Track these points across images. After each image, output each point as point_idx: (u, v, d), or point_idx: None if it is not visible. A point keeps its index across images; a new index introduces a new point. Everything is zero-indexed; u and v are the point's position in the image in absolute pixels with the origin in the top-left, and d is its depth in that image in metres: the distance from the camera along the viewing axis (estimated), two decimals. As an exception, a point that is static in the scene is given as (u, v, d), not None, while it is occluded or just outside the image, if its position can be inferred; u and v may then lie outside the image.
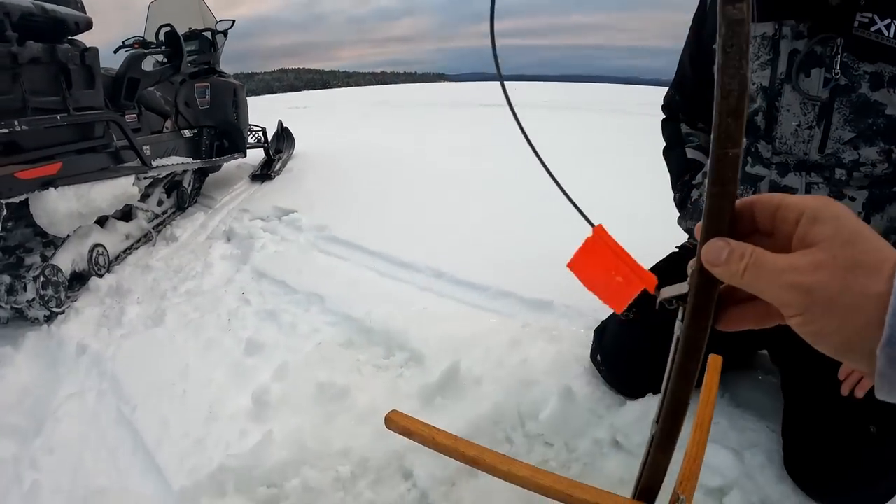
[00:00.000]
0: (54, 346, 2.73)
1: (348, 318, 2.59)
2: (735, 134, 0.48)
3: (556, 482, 0.90)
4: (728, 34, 0.46)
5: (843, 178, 1.45)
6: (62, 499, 1.82)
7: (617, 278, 0.63)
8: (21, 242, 3.01)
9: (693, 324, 0.57)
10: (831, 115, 1.41)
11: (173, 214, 4.54)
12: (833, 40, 1.36)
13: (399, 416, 1.14)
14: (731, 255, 0.49)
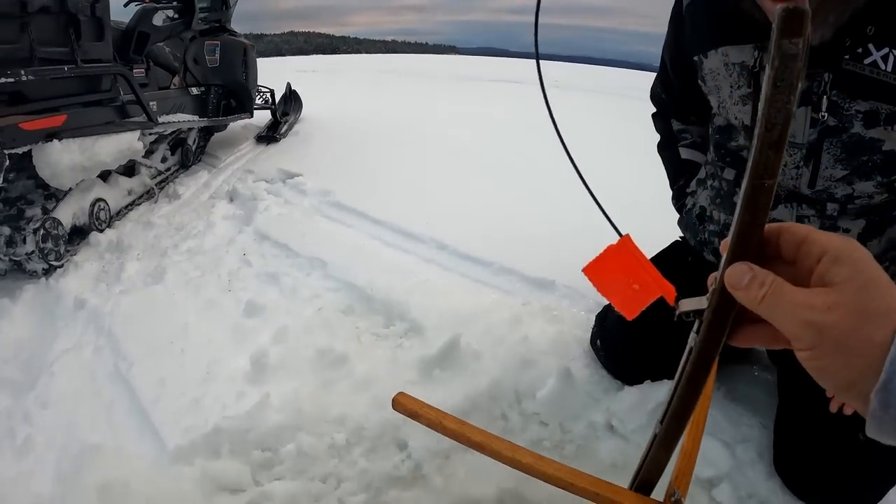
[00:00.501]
0: (52, 299, 2.72)
1: (350, 285, 2.57)
2: (773, 166, 0.50)
3: (558, 470, 0.94)
4: (781, 68, 0.47)
5: (835, 214, 1.36)
6: (55, 454, 1.82)
7: (634, 286, 0.66)
8: (22, 194, 2.97)
9: (707, 338, 0.59)
10: (820, 156, 1.29)
11: (177, 172, 4.49)
12: (820, 75, 1.22)
13: (406, 398, 1.14)
14: (752, 281, 0.52)
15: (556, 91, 11.17)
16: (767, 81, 0.49)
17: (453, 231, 3.11)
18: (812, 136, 1.27)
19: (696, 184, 1.75)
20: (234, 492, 1.61)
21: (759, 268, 0.53)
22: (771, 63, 0.48)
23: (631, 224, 3.12)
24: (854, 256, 0.49)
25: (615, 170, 4.35)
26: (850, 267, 0.49)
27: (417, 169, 4.46)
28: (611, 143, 5.43)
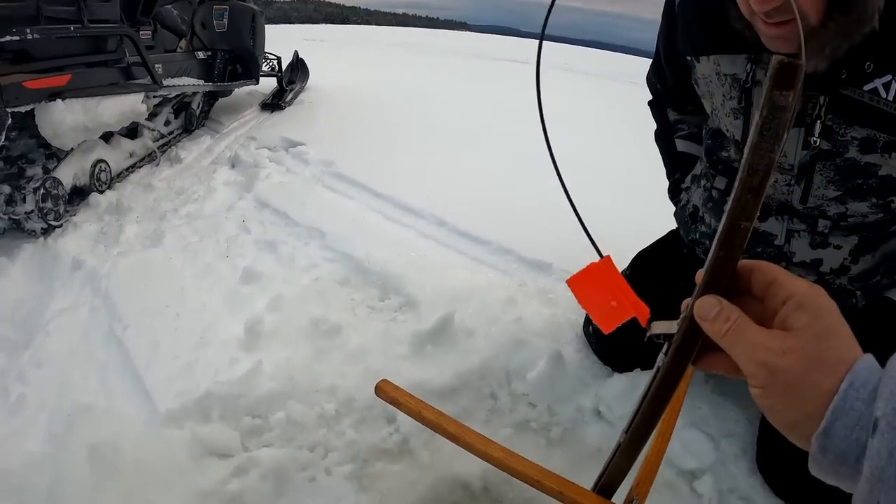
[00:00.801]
0: (50, 259, 2.72)
1: (347, 257, 2.57)
2: (751, 210, 0.53)
3: (526, 467, 0.98)
4: (769, 118, 0.50)
5: (826, 231, 1.32)
6: (47, 414, 1.83)
7: (612, 303, 0.70)
8: (24, 153, 2.96)
9: (674, 361, 0.62)
10: (812, 176, 1.25)
11: (179, 136, 4.48)
12: (815, 98, 1.16)
13: (389, 385, 1.18)
14: (718, 315, 0.55)
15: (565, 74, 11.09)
16: (755, 128, 0.50)
17: (453, 208, 3.10)
18: (804, 159, 1.23)
19: (691, 180, 1.71)
20: (223, 457, 1.62)
21: (727, 302, 0.56)
22: (760, 111, 0.50)
23: (631, 210, 3.12)
24: (817, 304, 0.53)
25: (618, 155, 4.34)
26: (811, 315, 0.52)
27: (421, 144, 4.44)
28: (615, 129, 5.40)
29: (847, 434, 0.48)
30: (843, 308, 1.30)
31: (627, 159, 4.10)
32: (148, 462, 1.56)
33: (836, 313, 0.53)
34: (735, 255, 0.55)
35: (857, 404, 0.47)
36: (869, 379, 0.48)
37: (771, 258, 1.40)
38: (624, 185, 3.63)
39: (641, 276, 1.74)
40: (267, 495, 1.55)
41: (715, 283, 0.57)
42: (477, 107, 6.11)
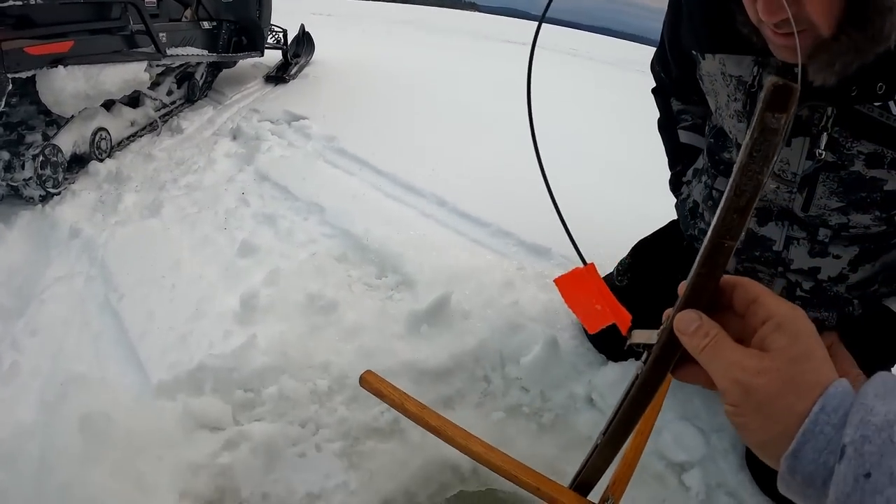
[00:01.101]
0: (47, 227, 2.70)
1: (346, 233, 2.55)
2: (735, 229, 0.53)
3: (505, 462, 1.00)
4: (760, 140, 0.49)
5: (826, 240, 1.29)
6: (40, 382, 1.83)
7: (596, 306, 0.73)
8: (24, 119, 2.94)
9: (652, 370, 0.63)
10: (815, 186, 1.21)
11: (182, 106, 4.44)
12: (822, 109, 1.12)
13: (373, 377, 1.20)
14: (698, 330, 0.55)
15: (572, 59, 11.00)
16: (744, 149, 0.50)
17: (455, 188, 3.08)
18: (808, 170, 1.20)
19: (693, 173, 1.68)
20: (214, 430, 1.62)
21: (707, 318, 0.56)
22: (751, 133, 0.50)
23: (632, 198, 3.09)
24: (796, 327, 0.53)
25: (621, 143, 4.30)
26: (789, 337, 0.52)
27: (425, 123, 4.40)
28: (620, 116, 5.36)
29: (815, 457, 0.48)
30: (840, 316, 1.24)
31: (630, 147, 4.07)
32: (139, 433, 1.55)
33: (814, 337, 0.54)
34: (717, 273, 0.56)
35: (826, 428, 0.48)
36: (841, 404, 0.49)
37: (768, 263, 1.38)
38: (626, 173, 3.60)
39: (640, 265, 1.72)
40: (257, 470, 1.55)
41: (696, 299, 0.57)
42: (483, 87, 6.06)
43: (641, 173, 3.06)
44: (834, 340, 1.38)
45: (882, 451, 0.45)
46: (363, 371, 1.24)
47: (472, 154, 3.73)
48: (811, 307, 1.39)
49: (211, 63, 4.86)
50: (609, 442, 0.75)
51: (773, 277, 1.40)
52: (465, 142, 4.00)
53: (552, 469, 1.65)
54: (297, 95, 4.94)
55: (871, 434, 0.46)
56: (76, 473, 1.45)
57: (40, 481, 1.47)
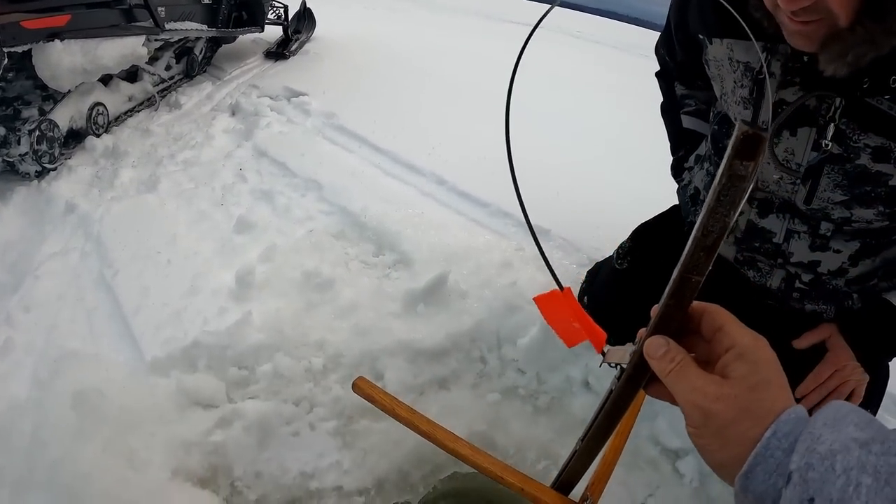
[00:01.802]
0: (43, 202, 2.69)
1: (344, 210, 2.53)
2: (702, 266, 0.56)
3: (492, 464, 1.04)
4: (727, 186, 0.51)
5: (828, 234, 1.26)
6: (34, 358, 1.83)
7: (574, 324, 0.77)
8: (20, 94, 2.91)
9: (625, 387, 0.69)
10: (819, 178, 1.17)
11: (180, 81, 4.39)
12: (830, 99, 1.07)
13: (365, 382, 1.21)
14: (665, 355, 0.60)
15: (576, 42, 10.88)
16: (712, 192, 0.52)
17: (454, 167, 3.04)
18: (813, 161, 1.16)
19: (695, 160, 1.62)
20: (207, 407, 1.61)
21: (674, 344, 0.60)
22: (719, 178, 0.51)
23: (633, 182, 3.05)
24: (756, 356, 0.57)
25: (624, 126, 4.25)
26: (749, 366, 0.56)
27: (426, 101, 4.35)
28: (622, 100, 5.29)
29: (765, 478, 0.52)
30: (839, 310, 1.24)
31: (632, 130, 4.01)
32: (132, 410, 1.55)
33: (773, 366, 0.57)
34: (685, 304, 0.60)
35: (777, 453, 0.52)
36: (792, 430, 0.52)
37: (768, 254, 1.36)
38: (627, 156, 3.56)
39: (641, 248, 1.69)
40: (250, 448, 1.54)
41: (664, 326, 0.61)
42: (485, 67, 5.98)
43: (643, 157, 3.02)
44: (833, 332, 1.36)
45: (824, 479, 0.48)
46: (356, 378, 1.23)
47: (472, 133, 3.69)
48: (810, 300, 1.36)
49: (210, 38, 4.80)
50: (586, 448, 0.81)
51: (773, 268, 1.37)
52: (465, 121, 3.95)
53: (547, 452, 1.64)
54: (298, 72, 4.88)
55: (815, 462, 0.49)
56: (68, 450, 1.44)
57: (33, 457, 1.47)
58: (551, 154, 3.35)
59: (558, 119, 3.61)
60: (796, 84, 1.09)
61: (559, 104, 4.26)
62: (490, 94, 4.67)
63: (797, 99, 1.10)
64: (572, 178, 2.90)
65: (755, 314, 1.54)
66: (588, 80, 6.23)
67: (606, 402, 0.73)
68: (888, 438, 0.49)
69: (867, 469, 0.47)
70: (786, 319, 1.40)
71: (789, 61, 1.09)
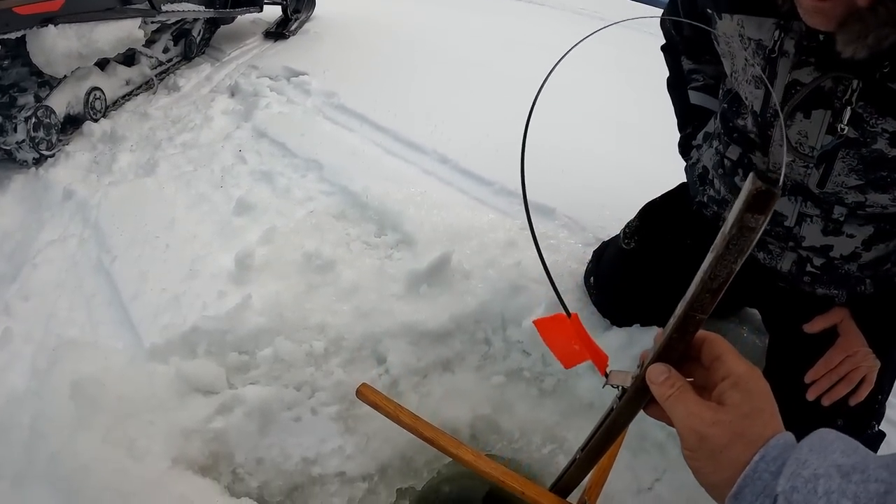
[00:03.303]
0: (41, 189, 2.66)
1: (345, 190, 2.47)
2: (706, 306, 0.61)
3: (493, 469, 1.12)
4: (737, 236, 0.54)
5: (841, 218, 1.22)
6: (32, 348, 1.81)
7: (574, 346, 0.80)
8: (15, 82, 2.86)
9: (626, 407, 0.74)
10: (833, 162, 1.13)
11: (179, 64, 4.32)
12: (848, 81, 1.03)
13: (368, 389, 1.30)
14: (665, 381, 0.65)
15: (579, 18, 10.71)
16: (722, 238, 0.56)
17: (457, 145, 2.97)
18: (827, 145, 1.11)
19: (703, 137, 1.57)
20: (208, 394, 1.58)
21: (674, 371, 0.66)
22: (729, 228, 0.55)
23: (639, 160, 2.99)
24: (749, 386, 0.62)
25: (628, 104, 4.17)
26: (743, 395, 0.61)
27: (428, 79, 4.27)
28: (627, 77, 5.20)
29: (753, 500, 0.56)
30: (851, 295, 1.24)
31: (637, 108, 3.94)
32: (131, 398, 1.52)
33: (766, 396, 0.62)
34: (687, 338, 0.65)
35: (764, 475, 0.56)
36: (780, 455, 0.56)
37: (779, 237, 1.32)
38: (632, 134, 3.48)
39: (648, 227, 1.65)
40: (251, 434, 1.52)
41: (667, 356, 0.66)
42: (490, 45, 5.90)
43: (647, 135, 2.96)
44: (845, 317, 1.33)
45: (807, 501, 0.51)
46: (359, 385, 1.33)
47: (476, 111, 3.62)
48: (821, 284, 1.34)
49: (208, 19, 4.72)
50: (586, 458, 0.87)
51: (784, 251, 1.34)
52: (469, 99, 3.88)
53: (553, 435, 1.61)
54: (297, 51, 4.81)
55: (800, 485, 0.52)
56: (67, 441, 1.42)
57: (31, 450, 1.45)
58: (555, 132, 3.28)
59: (561, 97, 3.53)
60: (811, 64, 1.05)
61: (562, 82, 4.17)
62: (494, 72, 4.61)
63: (812, 81, 1.05)
64: (577, 157, 2.84)
65: (765, 296, 1.51)
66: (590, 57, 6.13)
67: (607, 418, 0.78)
68: (868, 467, 0.51)
69: (847, 494, 0.50)
70: (796, 302, 1.38)
71: (804, 40, 1.04)
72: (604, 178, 2.69)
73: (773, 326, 1.59)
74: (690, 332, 0.64)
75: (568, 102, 3.50)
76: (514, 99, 3.88)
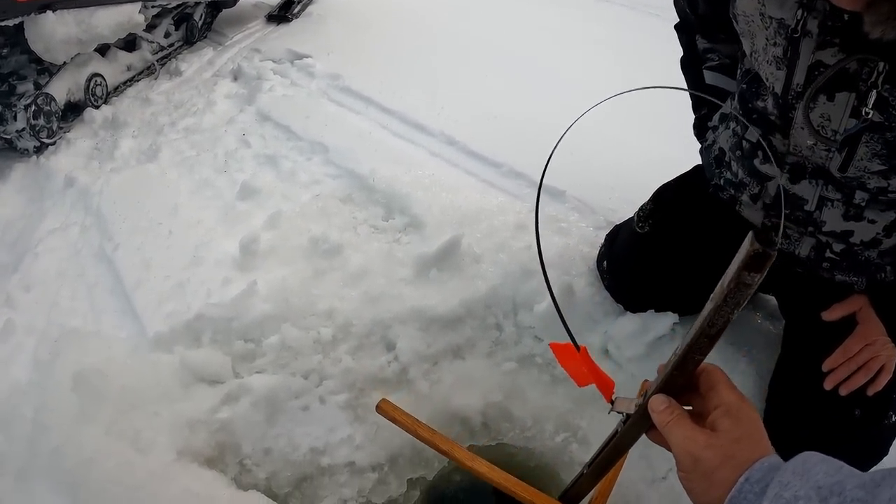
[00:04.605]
0: (42, 178, 2.63)
1: (351, 173, 2.42)
2: (705, 349, 0.68)
3: (506, 480, 1.19)
4: (735, 291, 0.59)
5: (863, 204, 1.18)
6: (34, 339, 1.78)
7: (583, 369, 0.88)
8: (14, 70, 2.83)
9: (629, 431, 0.81)
10: (856, 146, 1.09)
11: (180, 48, 4.26)
12: (874, 63, 0.98)
13: (389, 405, 1.36)
14: (665, 410, 0.71)
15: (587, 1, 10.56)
16: (720, 292, 0.61)
17: (465, 127, 2.90)
18: (851, 129, 1.06)
19: (720, 118, 1.52)
20: (213, 383, 1.55)
21: (673, 402, 0.72)
22: (727, 283, 0.59)
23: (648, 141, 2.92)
24: (740, 415, 0.68)
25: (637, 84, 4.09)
26: (734, 422, 0.67)
27: (435, 60, 4.19)
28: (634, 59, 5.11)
29: None
30: (871, 282, 1.22)
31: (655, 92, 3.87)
32: (134, 389, 1.49)
33: (754, 422, 0.69)
34: (686, 375, 0.71)
35: (749, 496, 0.60)
36: (764, 477, 0.61)
37: (798, 222, 1.28)
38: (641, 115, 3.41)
39: (663, 211, 1.60)
40: (257, 424, 1.49)
41: (669, 388, 0.73)
42: (497, 25, 5.81)
43: (658, 116, 2.89)
44: (864, 305, 1.30)
45: None
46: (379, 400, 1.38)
47: (483, 92, 3.55)
48: (840, 270, 1.29)
49: (210, 3, 4.66)
50: (592, 473, 0.94)
51: (803, 236, 1.29)
52: (476, 80, 3.80)
53: (566, 423, 1.57)
54: (301, 34, 4.74)
55: None
56: (70, 434, 1.39)
57: (34, 443, 1.42)
58: (564, 114, 3.20)
59: (570, 79, 3.47)
60: (835, 45, 1.00)
61: (569, 63, 4.10)
62: (502, 52, 4.52)
63: (837, 62, 1.00)
64: (586, 138, 2.76)
65: (783, 281, 1.47)
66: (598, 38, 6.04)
67: (613, 439, 0.85)
68: (846, 488, 0.55)
69: None
70: (814, 288, 1.34)
71: (828, 20, 0.99)
72: (613, 159, 2.63)
73: (789, 312, 1.55)
74: (689, 369, 0.71)
75: (575, 84, 3.44)
76: (522, 80, 3.82)
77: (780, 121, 1.20)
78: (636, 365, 1.59)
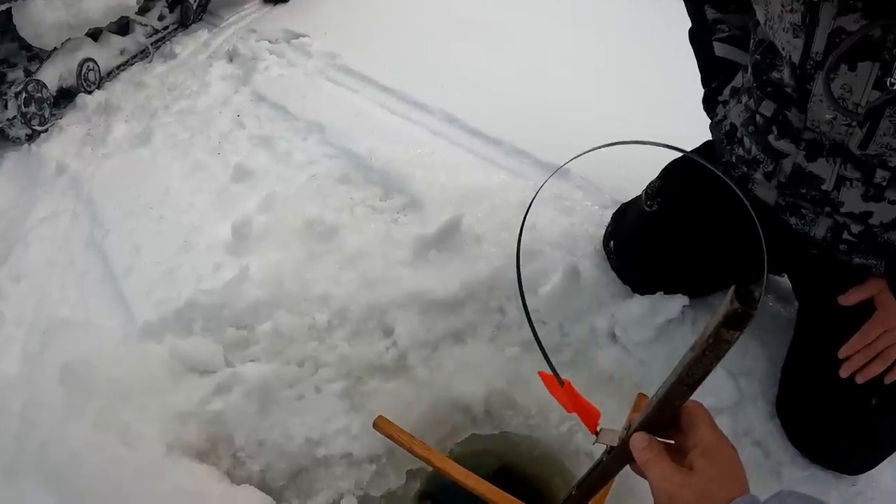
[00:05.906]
0: (34, 166, 2.58)
1: (348, 153, 2.35)
2: (683, 396, 0.70)
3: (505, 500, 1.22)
4: (713, 346, 0.60)
5: (884, 183, 1.11)
6: (24, 330, 1.74)
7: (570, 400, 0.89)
8: (5, 57, 2.78)
9: (612, 462, 0.84)
10: (878, 120, 1.02)
11: (175, 31, 4.17)
12: None
13: (385, 422, 1.35)
14: (645, 447, 0.74)
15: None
16: (699, 346, 0.61)
17: (466, 104, 2.83)
18: (874, 101, 0.99)
19: (730, 92, 1.44)
20: (204, 373, 1.49)
21: (654, 439, 0.74)
22: (707, 337, 0.59)
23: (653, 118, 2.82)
24: (716, 454, 0.70)
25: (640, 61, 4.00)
26: (710, 461, 0.69)
27: (434, 37, 4.10)
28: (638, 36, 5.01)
29: None
30: (890, 265, 1.24)
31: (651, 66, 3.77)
32: (123, 380, 1.44)
33: (730, 463, 0.71)
34: (666, 416, 0.73)
35: None
36: None
37: (815, 202, 1.21)
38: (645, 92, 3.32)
39: (672, 189, 1.53)
40: (251, 415, 1.43)
41: (650, 427, 0.75)
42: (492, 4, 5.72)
43: (662, 93, 2.81)
44: (882, 289, 1.25)
45: None
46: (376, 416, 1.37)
47: (484, 70, 3.46)
48: (858, 253, 1.23)
49: (205, -16, 4.60)
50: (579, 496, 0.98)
51: (819, 216, 1.23)
52: (476, 57, 3.72)
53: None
54: (297, 13, 4.65)
55: None
56: (57, 428, 1.34)
57: (22, 439, 1.38)
58: (567, 90, 3.14)
59: (574, 55, 3.38)
60: (858, 10, 0.92)
61: (573, 39, 4.01)
62: (502, 29, 4.43)
63: (859, 28, 0.93)
64: (590, 115, 2.71)
65: (797, 263, 1.40)
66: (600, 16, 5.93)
67: (596, 468, 0.89)
68: None
69: None
70: (830, 270, 1.30)
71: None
72: (618, 136, 2.56)
73: (803, 295, 1.50)
74: (667, 414, 0.73)
75: (579, 60, 3.36)
76: (523, 57, 3.74)
77: (797, 93, 1.13)
78: (644, 350, 1.53)
